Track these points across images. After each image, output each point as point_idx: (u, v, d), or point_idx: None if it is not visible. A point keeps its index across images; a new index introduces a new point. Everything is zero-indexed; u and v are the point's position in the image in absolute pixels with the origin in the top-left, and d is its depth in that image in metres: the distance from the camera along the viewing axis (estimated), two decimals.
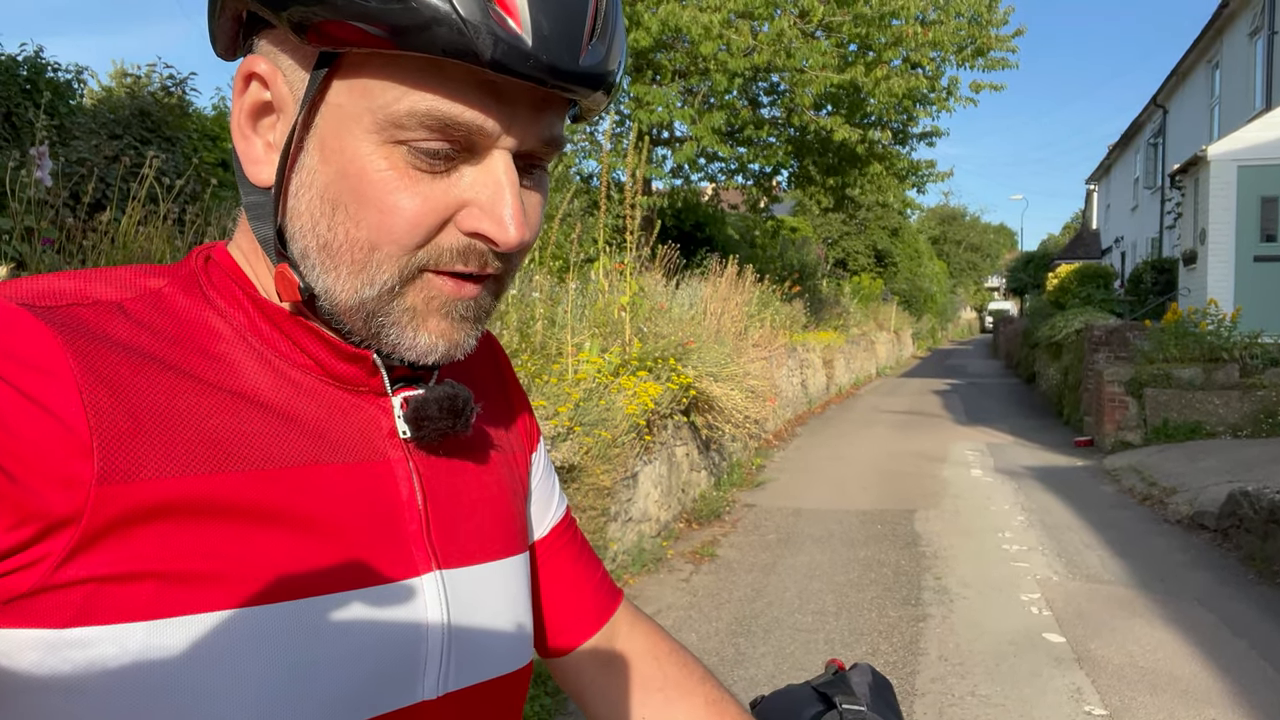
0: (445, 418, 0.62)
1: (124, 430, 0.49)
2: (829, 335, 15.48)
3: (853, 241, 29.63)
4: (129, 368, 0.51)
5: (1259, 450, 8.24)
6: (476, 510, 0.67)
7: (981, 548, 5.95)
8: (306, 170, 0.56)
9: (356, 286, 0.56)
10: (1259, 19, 14.03)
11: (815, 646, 4.17)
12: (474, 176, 0.56)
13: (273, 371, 0.59)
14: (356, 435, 0.61)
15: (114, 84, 7.30)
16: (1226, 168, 12.76)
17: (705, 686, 0.80)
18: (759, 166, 13.76)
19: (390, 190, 0.54)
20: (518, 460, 0.77)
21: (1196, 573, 5.39)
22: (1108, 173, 28.72)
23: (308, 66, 0.55)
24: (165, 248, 3.98)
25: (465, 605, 0.63)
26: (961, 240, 54.37)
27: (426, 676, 0.59)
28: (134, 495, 0.49)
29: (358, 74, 0.53)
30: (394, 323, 0.58)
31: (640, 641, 0.83)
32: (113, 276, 0.56)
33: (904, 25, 11.26)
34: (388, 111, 0.53)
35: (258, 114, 0.58)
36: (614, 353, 5.96)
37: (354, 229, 0.55)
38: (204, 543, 0.51)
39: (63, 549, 0.47)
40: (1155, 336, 10.25)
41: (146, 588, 0.49)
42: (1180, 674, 3.86)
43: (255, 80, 0.57)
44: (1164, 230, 18.50)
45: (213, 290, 0.60)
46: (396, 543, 0.60)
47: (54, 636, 0.47)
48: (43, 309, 0.51)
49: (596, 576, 0.83)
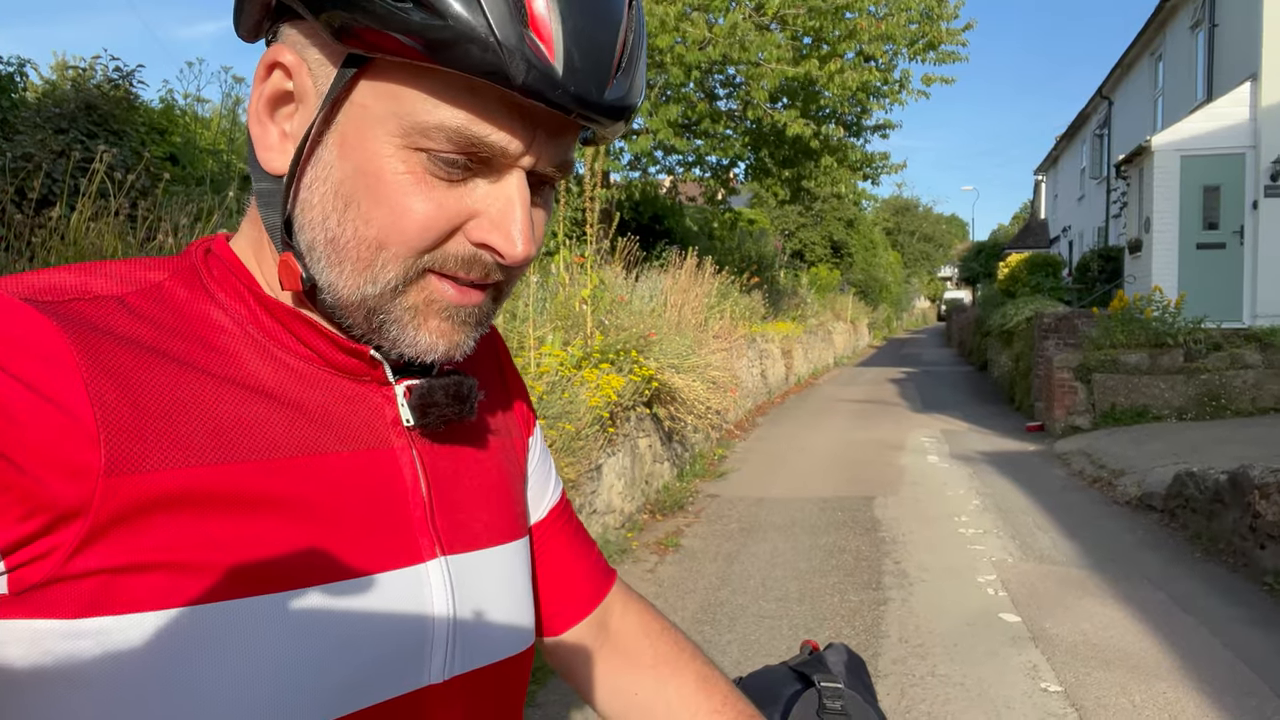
0: (451, 404, 0.64)
1: (130, 422, 0.50)
2: (787, 326, 15.62)
3: (809, 233, 29.89)
4: (133, 361, 0.52)
5: (1203, 433, 8.50)
6: (479, 496, 0.68)
7: (939, 532, 6.07)
8: (323, 164, 0.57)
9: (360, 283, 0.57)
10: (1200, 12, 14.39)
11: (780, 633, 4.23)
12: (488, 190, 0.57)
13: (275, 362, 0.59)
14: (360, 423, 0.62)
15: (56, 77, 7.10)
16: (1170, 158, 13.09)
17: (696, 664, 0.82)
18: (716, 159, 13.80)
19: (405, 193, 0.55)
20: (516, 445, 0.78)
21: (1145, 552, 5.55)
22: (1055, 163, 29.28)
23: (335, 63, 0.55)
24: (117, 244, 3.89)
25: (469, 590, 0.64)
26: (915, 231, 55.12)
27: (433, 661, 0.61)
28: (142, 486, 0.49)
29: (388, 79, 0.54)
30: (395, 320, 0.59)
31: (633, 620, 0.84)
32: (113, 270, 0.57)
33: (857, 19, 11.37)
34: (416, 120, 0.54)
35: (277, 102, 0.59)
36: (576, 346, 5.96)
37: (364, 227, 0.56)
38: (212, 533, 0.51)
39: (73, 540, 0.48)
40: (1103, 323, 10.51)
41: (157, 578, 0.49)
42: (1132, 650, 3.98)
43: (279, 69, 0.58)
44: (1110, 219, 18.92)
45: (214, 283, 0.60)
46: (401, 529, 0.61)
47: (66, 627, 0.48)
48: (45, 304, 0.51)
49: (591, 557, 0.85)
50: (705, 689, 0.80)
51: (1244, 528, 5.18)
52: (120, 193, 3.99)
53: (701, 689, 0.80)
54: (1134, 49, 18.01)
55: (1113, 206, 18.21)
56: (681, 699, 0.79)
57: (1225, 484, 5.46)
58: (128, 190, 4.14)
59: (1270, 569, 4.84)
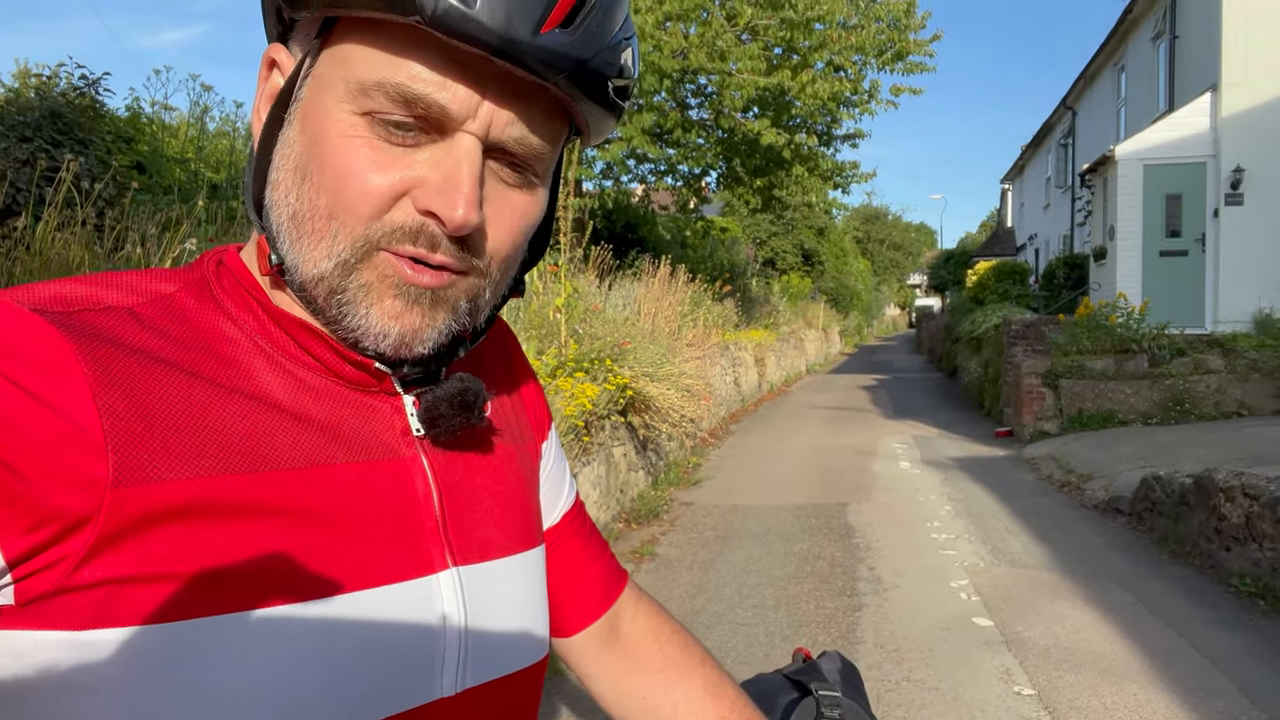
0: (458, 413, 0.63)
1: (138, 432, 0.49)
2: (760, 334, 15.69)
3: (781, 241, 30.05)
4: (141, 371, 0.51)
5: (1168, 436, 8.64)
6: (492, 506, 0.68)
7: (912, 538, 6.12)
8: (288, 141, 0.57)
9: (316, 258, 0.56)
10: (1161, 24, 14.69)
11: (756, 640, 4.24)
12: (434, 154, 0.55)
13: (285, 374, 0.59)
14: (370, 435, 0.61)
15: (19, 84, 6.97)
16: (1133, 167, 13.33)
17: (705, 669, 0.82)
18: (688, 168, 13.87)
19: (349, 156, 0.54)
20: (530, 451, 0.77)
21: (1114, 555, 5.63)
22: (1021, 172, 29.72)
23: (308, 45, 0.57)
24: (84, 254, 3.83)
25: (482, 602, 0.63)
26: (885, 239, 55.69)
27: (444, 673, 0.60)
28: (150, 497, 0.49)
29: (340, 42, 0.55)
30: (350, 300, 0.57)
31: (642, 623, 0.84)
32: (123, 282, 0.56)
33: (828, 29, 11.49)
34: (358, 80, 0.54)
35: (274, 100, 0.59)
36: (550, 355, 5.95)
37: (316, 196, 0.56)
38: (221, 544, 0.51)
39: (80, 550, 0.47)
40: (1069, 330, 10.67)
41: (165, 589, 0.49)
42: (1102, 652, 4.04)
43: (276, 68, 0.59)
44: (1075, 227, 19.22)
45: (224, 295, 0.60)
46: (413, 540, 0.60)
47: (72, 638, 0.47)
48: (54, 314, 0.50)
49: (604, 560, 0.84)
50: (713, 694, 0.80)
51: (1210, 530, 5.27)
52: (87, 202, 3.94)
53: (709, 694, 0.80)
54: (1097, 60, 18.34)
55: (1078, 215, 18.50)
56: (689, 703, 0.79)
57: (1191, 487, 5.56)
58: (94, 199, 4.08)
59: (1236, 571, 4.93)
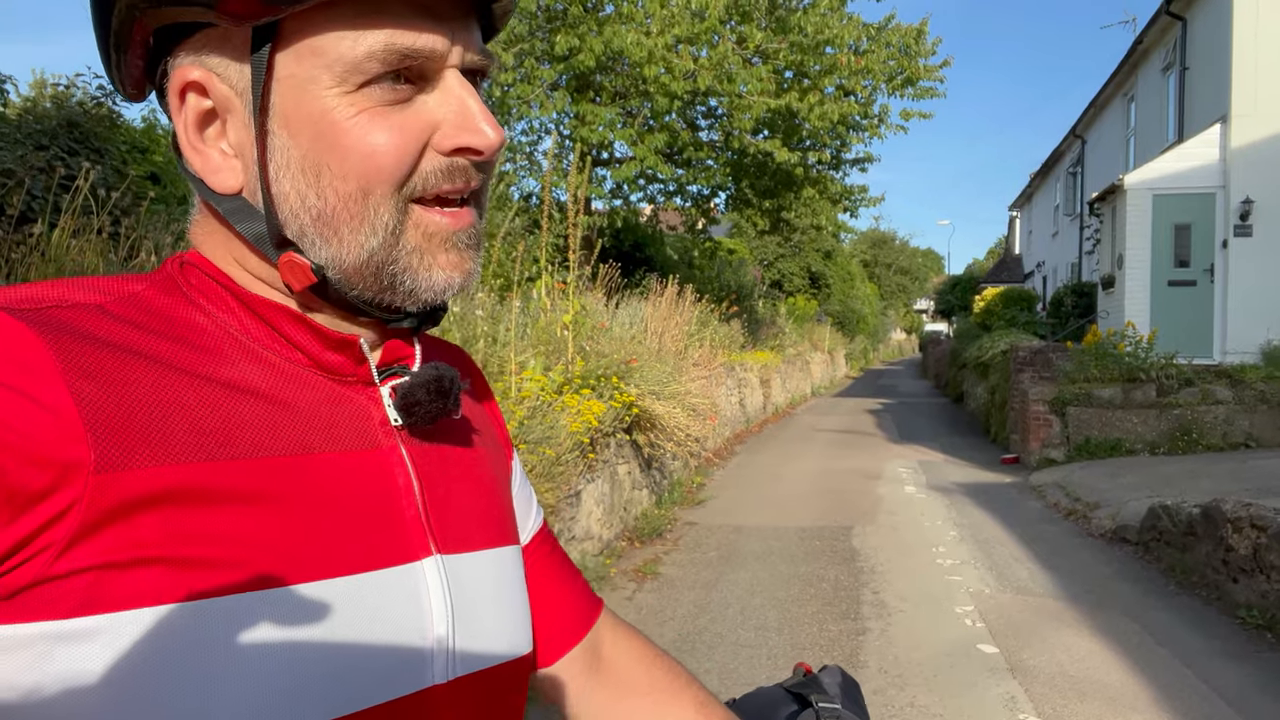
0: (435, 399, 0.63)
1: (115, 420, 0.49)
2: (766, 355, 15.68)
3: (788, 264, 30.10)
4: (114, 361, 0.51)
5: (1176, 466, 8.60)
6: (470, 498, 0.68)
7: (917, 562, 6.08)
8: (279, 151, 0.57)
9: (360, 240, 0.57)
10: (1171, 55, 14.74)
11: (758, 662, 4.21)
12: (436, 99, 0.58)
13: (261, 362, 0.59)
14: (348, 425, 0.61)
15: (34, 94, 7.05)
16: (1142, 196, 13.34)
17: (692, 690, 0.82)
18: (698, 188, 13.94)
19: (367, 132, 0.56)
20: (503, 457, 0.78)
21: (1120, 584, 5.59)
22: (1029, 200, 29.75)
23: (244, 54, 0.55)
24: (98, 261, 3.85)
25: (467, 591, 0.63)
26: (892, 263, 55.67)
27: (435, 661, 0.60)
28: (132, 483, 0.49)
29: (301, 38, 0.55)
30: (404, 268, 0.59)
31: (624, 647, 0.83)
32: (90, 283, 0.56)
33: (838, 54, 11.56)
34: (346, 60, 0.54)
35: (203, 124, 0.58)
36: (557, 371, 5.96)
37: (342, 184, 0.56)
38: (207, 528, 0.51)
39: (63, 538, 0.47)
40: (1077, 357, 10.64)
41: (151, 573, 0.48)
42: (1108, 682, 4.00)
43: (191, 91, 0.57)
44: (1083, 255, 19.22)
45: (193, 290, 0.60)
46: (396, 529, 0.60)
47: (57, 628, 0.47)
48: (21, 311, 0.50)
49: (578, 584, 0.84)
50: (703, 714, 0.80)
51: (1217, 561, 5.23)
52: (102, 210, 3.96)
53: (700, 714, 0.80)
54: (1107, 89, 18.40)
55: (1086, 243, 18.49)
56: None
57: (1198, 517, 5.52)
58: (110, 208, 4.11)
59: (1243, 602, 4.89)
